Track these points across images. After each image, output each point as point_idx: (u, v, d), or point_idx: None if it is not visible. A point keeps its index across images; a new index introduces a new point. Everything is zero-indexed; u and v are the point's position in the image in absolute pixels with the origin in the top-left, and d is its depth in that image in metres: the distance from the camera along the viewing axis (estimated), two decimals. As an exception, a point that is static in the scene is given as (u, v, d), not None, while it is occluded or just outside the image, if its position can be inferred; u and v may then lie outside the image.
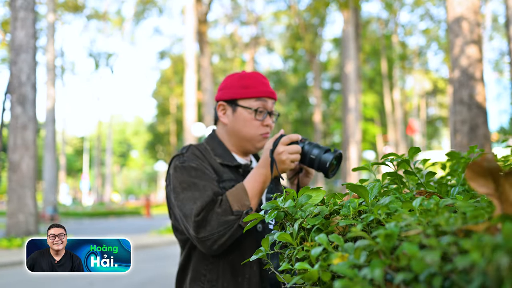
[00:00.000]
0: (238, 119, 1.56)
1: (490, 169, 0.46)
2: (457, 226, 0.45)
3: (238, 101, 1.55)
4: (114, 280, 7.81)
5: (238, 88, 1.56)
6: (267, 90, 1.57)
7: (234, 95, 1.56)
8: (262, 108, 1.55)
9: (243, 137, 1.57)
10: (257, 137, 1.57)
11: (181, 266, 1.55)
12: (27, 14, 12.34)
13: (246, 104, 1.55)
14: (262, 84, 1.57)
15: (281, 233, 0.71)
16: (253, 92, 1.54)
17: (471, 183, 0.47)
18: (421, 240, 0.45)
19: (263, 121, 1.56)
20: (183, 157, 1.50)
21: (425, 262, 0.42)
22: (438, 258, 0.41)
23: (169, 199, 1.52)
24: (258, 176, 1.42)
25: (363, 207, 0.69)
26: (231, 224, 1.34)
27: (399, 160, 0.93)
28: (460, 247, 0.42)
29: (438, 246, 0.42)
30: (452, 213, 0.54)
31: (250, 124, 1.55)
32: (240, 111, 1.55)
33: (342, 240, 0.60)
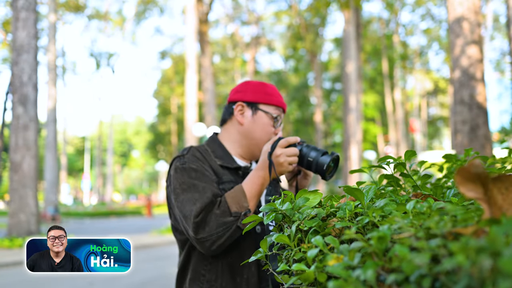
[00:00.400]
0: (257, 122, 1.59)
1: (478, 174, 0.48)
2: (447, 229, 0.47)
3: (259, 105, 1.60)
4: (115, 280, 7.83)
5: (261, 94, 1.61)
6: (282, 102, 1.64)
7: (258, 98, 1.60)
8: (280, 117, 1.62)
9: (255, 138, 1.60)
10: (265, 142, 1.60)
11: (180, 266, 1.57)
12: (29, 14, 12.37)
13: (268, 110, 1.60)
14: (279, 95, 1.64)
15: (279, 235, 0.73)
16: (275, 100, 1.60)
17: (460, 187, 0.49)
18: (412, 243, 0.47)
19: (276, 129, 1.62)
20: (183, 159, 1.53)
21: (415, 264, 0.44)
22: (427, 260, 0.43)
23: (169, 200, 1.55)
24: (257, 178, 1.45)
25: (359, 210, 0.71)
26: (230, 225, 1.36)
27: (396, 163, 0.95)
28: (449, 250, 0.44)
29: (427, 248, 0.44)
30: (443, 216, 0.56)
31: (267, 129, 1.59)
32: (260, 114, 1.59)
33: (337, 242, 0.62)
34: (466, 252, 0.39)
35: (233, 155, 1.64)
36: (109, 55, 41.13)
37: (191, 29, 18.66)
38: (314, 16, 31.56)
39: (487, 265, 0.36)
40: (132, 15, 40.85)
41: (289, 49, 41.03)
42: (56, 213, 21.57)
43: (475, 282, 0.37)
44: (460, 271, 0.39)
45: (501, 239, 0.37)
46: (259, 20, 37.70)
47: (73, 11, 36.54)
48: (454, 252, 0.41)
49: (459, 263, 0.39)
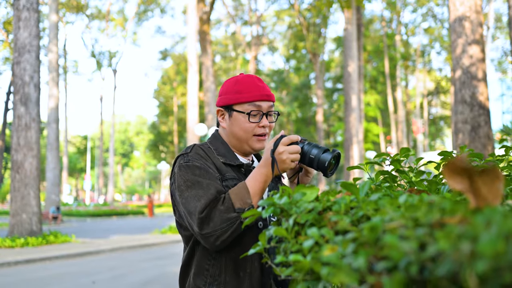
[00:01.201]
0: (234, 123, 1.63)
1: (464, 168, 0.50)
2: (434, 219, 0.49)
3: (233, 106, 1.64)
4: (118, 279, 7.87)
5: (232, 94, 1.64)
6: (261, 93, 1.64)
7: (229, 100, 1.64)
8: (256, 111, 1.62)
9: (239, 139, 1.64)
10: (252, 139, 1.63)
11: (185, 261, 1.62)
12: (30, 14, 12.42)
13: (240, 109, 1.62)
14: (256, 87, 1.64)
15: (277, 228, 0.76)
16: (246, 96, 1.62)
17: (448, 180, 0.51)
18: (401, 232, 0.50)
19: (259, 122, 1.63)
20: (187, 157, 1.57)
21: (403, 251, 0.46)
22: (414, 247, 0.45)
23: (173, 197, 1.58)
24: (259, 175, 1.49)
25: (354, 204, 0.74)
26: (233, 221, 1.40)
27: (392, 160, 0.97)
28: (434, 237, 0.46)
29: (414, 236, 0.47)
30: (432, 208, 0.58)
31: (245, 127, 1.62)
32: (235, 115, 1.63)
33: (332, 233, 0.64)
34: (448, 238, 0.41)
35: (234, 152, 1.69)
36: (111, 55, 41.19)
37: (193, 29, 18.69)
38: (315, 16, 31.57)
39: (467, 249, 0.38)
40: (133, 15, 40.87)
41: (290, 48, 41.05)
42: (58, 213, 21.63)
43: (456, 266, 0.39)
44: (443, 256, 0.42)
45: (481, 226, 0.40)
46: (260, 20, 37.72)
47: (74, 11, 36.64)
48: (437, 239, 0.43)
49: (442, 248, 0.41)
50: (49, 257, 10.17)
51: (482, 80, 8.96)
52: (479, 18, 9.22)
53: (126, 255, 11.31)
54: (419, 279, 0.48)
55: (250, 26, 37.84)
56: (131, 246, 12.58)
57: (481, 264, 0.36)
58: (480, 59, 9.04)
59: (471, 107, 8.91)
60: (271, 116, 1.68)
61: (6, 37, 33.37)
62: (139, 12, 41.53)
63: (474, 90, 8.92)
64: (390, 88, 36.61)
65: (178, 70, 45.05)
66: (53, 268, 9.18)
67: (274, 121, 1.70)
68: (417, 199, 0.63)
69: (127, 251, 12.03)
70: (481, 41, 9.15)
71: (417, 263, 0.46)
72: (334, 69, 43.17)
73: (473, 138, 8.80)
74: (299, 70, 42.62)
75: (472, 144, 8.65)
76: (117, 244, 12.60)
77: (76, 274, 8.42)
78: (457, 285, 0.41)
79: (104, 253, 11.58)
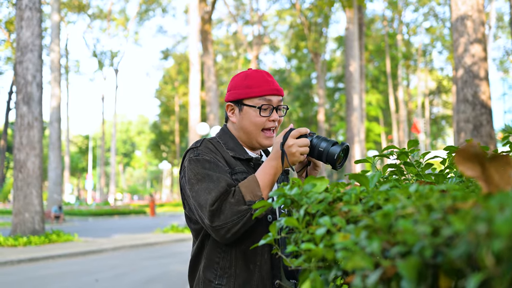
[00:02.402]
0: (244, 117, 1.65)
1: (476, 154, 0.51)
2: (447, 205, 0.50)
3: (243, 100, 1.66)
4: (120, 277, 7.89)
5: (242, 88, 1.66)
6: (270, 87, 1.65)
7: (239, 95, 1.66)
8: (267, 105, 1.64)
9: (249, 133, 1.66)
10: (260, 134, 1.65)
11: (194, 254, 1.63)
12: (33, 13, 12.44)
13: (251, 103, 1.64)
14: (265, 82, 1.66)
15: (287, 218, 0.77)
16: (256, 91, 1.63)
17: (460, 167, 0.52)
18: (414, 217, 0.51)
19: (269, 117, 1.64)
20: (197, 150, 1.59)
21: (417, 235, 0.47)
22: (428, 231, 0.46)
23: (183, 190, 1.60)
24: (269, 168, 1.50)
25: (364, 194, 0.75)
26: (244, 214, 1.41)
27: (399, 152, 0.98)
28: (448, 222, 0.47)
29: (428, 220, 0.48)
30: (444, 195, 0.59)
31: (255, 121, 1.63)
32: (245, 109, 1.65)
33: (344, 222, 0.65)
34: (464, 220, 0.42)
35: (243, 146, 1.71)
36: (112, 55, 41.23)
37: (194, 29, 18.70)
38: (317, 15, 31.54)
39: (483, 229, 0.39)
40: (135, 14, 40.91)
41: (292, 48, 41.05)
42: (60, 212, 21.67)
43: (472, 247, 0.41)
44: (458, 238, 0.43)
45: (495, 208, 0.41)
46: (262, 19, 37.72)
47: (76, 10, 36.68)
48: (452, 222, 0.44)
49: (457, 230, 0.42)
50: (51, 256, 10.20)
51: (484, 79, 8.95)
52: (481, 17, 9.22)
53: (128, 254, 11.33)
54: (432, 263, 0.49)
55: (252, 25, 37.85)
56: (133, 245, 12.60)
57: (498, 243, 0.38)
58: (482, 58, 9.04)
59: (473, 106, 8.91)
60: (280, 111, 1.70)
61: (8, 37, 33.40)
62: (141, 12, 41.57)
63: (476, 89, 8.92)
64: (391, 88, 36.58)
65: (180, 69, 45.09)
66: (55, 266, 9.21)
67: (283, 115, 1.72)
68: (427, 188, 0.64)
69: (129, 250, 12.05)
70: (483, 40, 9.14)
71: (431, 247, 0.47)
72: (336, 69, 43.15)
73: (475, 137, 8.80)
74: (301, 70, 42.62)
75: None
76: (119, 243, 12.62)
77: (79, 273, 8.45)
78: (472, 265, 0.42)
79: (106, 252, 11.61)
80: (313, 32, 32.49)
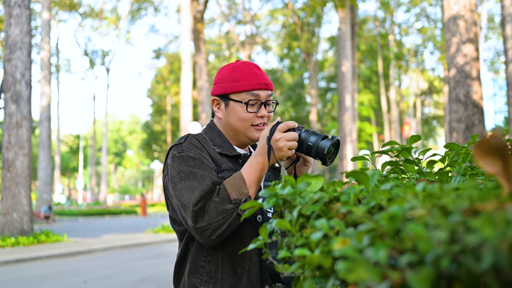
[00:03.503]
0: (231, 113, 1.56)
1: (498, 147, 0.44)
2: (464, 206, 0.43)
3: (229, 95, 1.55)
4: (110, 278, 7.78)
5: (229, 82, 1.56)
6: (259, 82, 1.55)
7: (225, 89, 1.56)
8: (254, 101, 1.54)
9: (236, 129, 1.56)
10: (249, 129, 1.56)
11: (179, 258, 1.53)
12: (22, 11, 12.26)
13: (237, 98, 1.54)
14: (253, 76, 1.56)
15: (279, 220, 0.69)
16: (243, 85, 1.53)
17: (479, 161, 0.45)
18: (427, 221, 0.43)
19: (257, 112, 1.55)
20: (181, 147, 1.49)
21: (432, 242, 0.40)
22: (446, 237, 0.39)
23: (166, 190, 1.49)
24: (256, 164, 1.41)
25: (364, 193, 0.67)
26: (230, 213, 1.32)
27: (399, 148, 0.91)
28: (468, 227, 0.40)
29: (445, 225, 0.40)
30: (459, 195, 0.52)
31: (243, 117, 1.54)
32: (232, 105, 1.55)
33: (343, 224, 0.58)
34: (494, 226, 0.35)
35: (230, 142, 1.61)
36: (104, 54, 40.93)
37: (186, 28, 18.58)
38: (309, 15, 31.53)
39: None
40: (126, 13, 40.64)
41: (284, 48, 41.03)
42: (50, 212, 21.43)
43: (503, 258, 0.33)
44: (483, 247, 0.36)
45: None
46: (254, 19, 37.65)
47: (67, 9, 36.34)
48: (475, 228, 0.37)
49: (485, 237, 0.35)
50: (40, 257, 10.05)
51: (476, 79, 8.95)
52: (473, 17, 9.21)
53: (119, 254, 11.20)
54: (447, 274, 0.41)
55: (244, 25, 37.76)
56: (123, 245, 12.47)
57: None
58: (474, 57, 9.03)
59: (465, 106, 8.91)
60: (269, 106, 1.60)
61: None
62: (133, 11, 41.29)
63: (468, 89, 8.92)
64: (383, 88, 36.67)
65: (172, 69, 44.88)
66: (44, 267, 9.06)
67: (273, 111, 1.62)
68: (436, 186, 0.57)
69: (119, 250, 11.92)
70: (475, 40, 9.13)
71: (448, 256, 0.39)
72: (328, 69, 43.19)
73: (467, 137, 8.79)
74: (293, 70, 42.59)
75: (466, 143, 8.65)
76: (109, 244, 12.48)
77: (68, 274, 8.32)
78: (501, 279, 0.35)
79: (96, 252, 11.47)
80: (306, 32, 32.47)
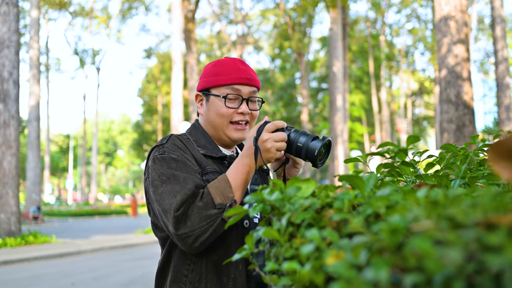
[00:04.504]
0: (210, 108, 1.48)
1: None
2: (478, 218, 0.37)
3: (211, 89, 1.48)
4: (99, 280, 7.66)
5: (210, 77, 1.49)
6: (240, 76, 1.47)
7: (206, 83, 1.49)
8: (234, 95, 1.46)
9: (215, 126, 1.49)
10: (228, 126, 1.48)
11: (160, 266, 1.44)
12: (10, 8, 12.09)
13: (217, 92, 1.47)
14: (236, 70, 1.48)
15: (267, 229, 0.62)
16: (223, 79, 1.46)
17: (495, 166, 0.40)
18: (435, 235, 0.37)
19: (238, 108, 1.46)
20: (163, 148, 1.40)
21: (442, 261, 0.34)
22: (460, 256, 0.33)
23: (147, 194, 1.40)
24: (242, 166, 1.32)
25: (359, 200, 0.61)
26: (214, 219, 1.23)
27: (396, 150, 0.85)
28: (485, 244, 0.34)
29: (459, 241, 0.34)
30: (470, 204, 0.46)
31: (221, 112, 1.46)
32: (212, 99, 1.48)
33: (336, 235, 0.52)
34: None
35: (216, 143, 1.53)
36: (94, 53, 40.61)
37: (177, 27, 18.46)
38: (301, 15, 31.54)
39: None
40: (117, 12, 40.36)
41: (275, 48, 41.01)
42: (39, 212, 21.19)
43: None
44: (507, 271, 0.32)
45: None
46: (245, 19, 37.58)
47: (57, 8, 35.99)
48: (494, 245, 0.32)
49: (510, 261, 0.31)
50: (27, 258, 9.89)
51: (467, 79, 8.96)
52: (464, 18, 9.22)
53: (108, 255, 11.07)
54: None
55: (235, 25, 37.68)
56: (113, 246, 12.33)
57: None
58: (465, 58, 9.04)
59: (456, 106, 8.92)
60: (254, 103, 1.51)
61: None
62: (123, 10, 41.01)
63: (459, 89, 8.93)
64: (374, 88, 36.78)
65: (163, 68, 44.67)
66: (31, 269, 8.92)
67: (258, 109, 1.52)
68: (440, 193, 0.51)
69: (108, 252, 11.78)
70: (466, 41, 9.15)
71: (463, 278, 0.34)
72: (319, 69, 43.25)
73: (458, 137, 8.80)
74: (284, 70, 42.57)
75: (457, 143, 8.64)
76: (98, 245, 12.34)
77: (55, 275, 8.19)
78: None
79: (85, 253, 11.33)
80: (297, 32, 32.48)
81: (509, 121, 14.55)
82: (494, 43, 15.28)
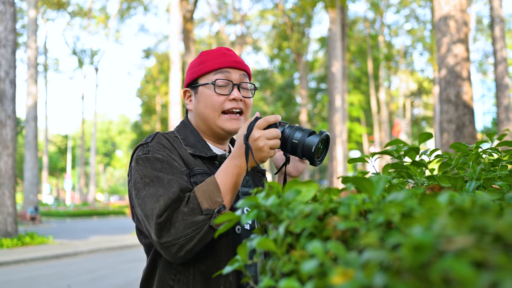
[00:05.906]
0: (200, 99, 1.37)
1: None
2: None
3: (197, 80, 1.39)
4: (96, 281, 7.57)
5: (197, 67, 1.39)
6: (226, 59, 1.37)
7: (193, 74, 1.39)
8: (223, 81, 1.35)
9: (206, 118, 1.37)
10: (220, 117, 1.37)
11: (145, 275, 1.32)
12: (6, 8, 11.99)
13: (205, 80, 1.37)
14: (222, 55, 1.39)
15: (261, 239, 0.54)
16: (210, 65, 1.36)
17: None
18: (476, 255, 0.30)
19: (229, 95, 1.36)
20: (147, 147, 1.28)
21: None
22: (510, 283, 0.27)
23: (131, 197, 1.28)
24: (232, 167, 1.20)
25: (368, 205, 0.53)
26: (200, 226, 1.12)
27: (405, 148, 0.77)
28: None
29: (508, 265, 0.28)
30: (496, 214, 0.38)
31: (212, 101, 1.35)
32: (200, 90, 1.37)
33: (343, 249, 0.44)
34: None
35: (207, 141, 1.42)
36: (92, 53, 40.50)
37: (175, 27, 18.38)
38: (299, 16, 31.47)
39: None
40: (116, 12, 40.26)
41: (274, 48, 40.93)
42: (36, 213, 21.06)
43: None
44: None
45: None
46: (244, 19, 37.49)
47: (55, 7, 35.88)
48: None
49: None
50: (23, 259, 9.79)
51: (467, 79, 8.89)
52: (463, 17, 9.15)
53: (105, 256, 10.98)
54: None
55: (234, 25, 37.59)
56: (110, 247, 12.23)
57: None
58: (464, 58, 8.97)
59: (456, 106, 8.84)
60: (246, 91, 1.40)
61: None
62: (122, 10, 40.90)
63: (459, 89, 8.86)
64: (373, 89, 36.71)
65: (162, 69, 44.55)
66: (28, 270, 8.82)
67: (251, 97, 1.41)
68: (466, 199, 0.43)
69: (106, 253, 11.69)
70: (466, 40, 9.08)
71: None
72: (318, 69, 43.17)
73: (458, 137, 8.73)
74: (283, 70, 42.49)
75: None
76: (96, 246, 12.24)
77: (52, 277, 8.09)
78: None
79: (82, 254, 11.23)
80: (296, 33, 32.40)
81: (508, 121, 14.49)
82: (493, 43, 15.23)
